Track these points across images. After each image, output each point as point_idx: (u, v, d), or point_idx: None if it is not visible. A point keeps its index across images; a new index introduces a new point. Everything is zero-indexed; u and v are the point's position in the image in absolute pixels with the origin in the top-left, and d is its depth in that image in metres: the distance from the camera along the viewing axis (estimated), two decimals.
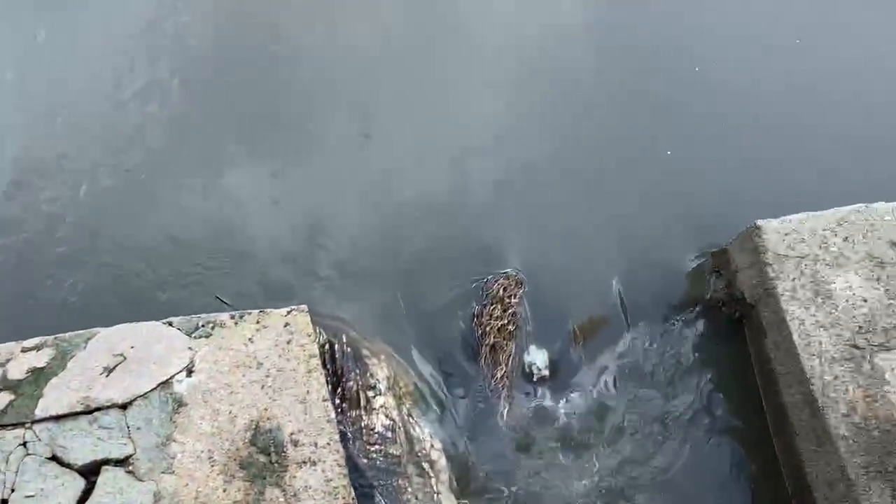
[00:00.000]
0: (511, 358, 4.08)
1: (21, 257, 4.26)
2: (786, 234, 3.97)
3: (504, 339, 4.10)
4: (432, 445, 3.90)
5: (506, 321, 4.12)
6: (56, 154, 4.49)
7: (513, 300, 4.17)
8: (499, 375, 4.05)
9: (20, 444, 3.47)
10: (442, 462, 3.84)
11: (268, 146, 4.60)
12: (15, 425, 3.49)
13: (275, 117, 4.73)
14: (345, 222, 4.42)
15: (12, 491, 3.42)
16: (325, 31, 4.96)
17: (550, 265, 4.31)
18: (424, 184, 4.53)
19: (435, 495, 3.76)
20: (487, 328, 4.12)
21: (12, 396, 3.48)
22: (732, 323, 4.17)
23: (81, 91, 4.67)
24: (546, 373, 4.10)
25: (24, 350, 3.53)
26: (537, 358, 4.14)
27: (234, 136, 4.61)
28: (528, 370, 4.11)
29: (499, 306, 4.17)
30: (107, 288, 4.22)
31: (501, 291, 4.20)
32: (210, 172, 4.51)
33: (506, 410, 4.01)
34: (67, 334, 3.56)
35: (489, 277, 4.31)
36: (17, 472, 3.43)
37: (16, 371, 3.50)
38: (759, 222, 4.01)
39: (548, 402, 4.04)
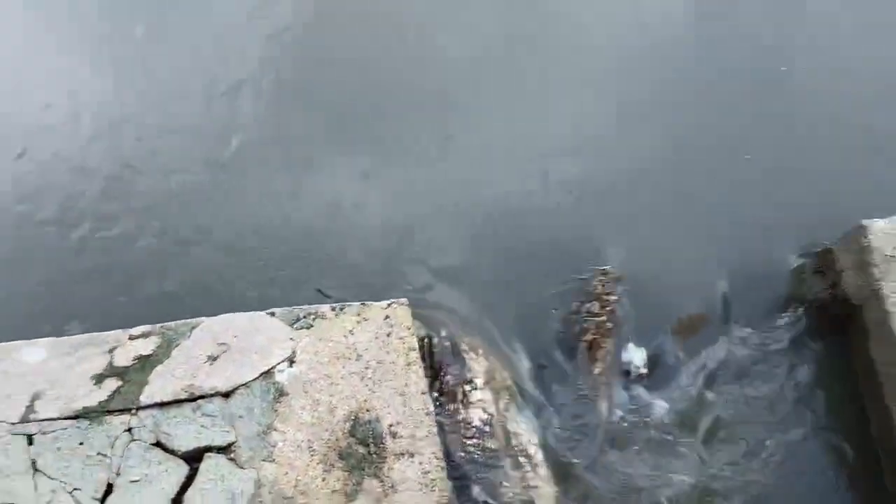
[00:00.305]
0: (609, 355, 4.05)
1: (121, 250, 4.33)
2: (892, 235, 3.87)
3: (602, 336, 4.08)
4: (529, 440, 3.88)
5: (604, 318, 4.09)
6: (149, 150, 4.57)
7: (611, 297, 4.14)
8: (596, 372, 4.02)
9: (126, 430, 3.54)
10: (539, 457, 3.83)
11: (357, 144, 4.65)
12: (121, 411, 3.56)
13: (364, 116, 4.75)
14: (438, 220, 4.43)
15: (118, 475, 3.49)
16: (415, 32, 4.98)
17: (650, 263, 4.27)
18: (517, 182, 4.54)
19: (532, 490, 3.74)
20: (585, 325, 4.10)
21: (119, 383, 3.55)
22: (836, 323, 4.07)
23: (175, 86, 4.76)
24: (644, 371, 4.06)
25: (131, 338, 3.60)
26: (635, 356, 4.09)
27: (325, 133, 4.66)
28: (625, 368, 4.07)
29: (597, 303, 4.14)
30: (201, 280, 4.30)
31: (600, 288, 4.17)
32: (301, 169, 4.56)
33: (603, 407, 3.97)
34: (173, 323, 3.62)
35: (587, 274, 4.27)
36: (122, 456, 3.50)
37: (123, 358, 3.57)
38: (865, 222, 3.94)
39: (645, 401, 3.99)
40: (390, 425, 3.64)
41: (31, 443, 3.51)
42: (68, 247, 4.34)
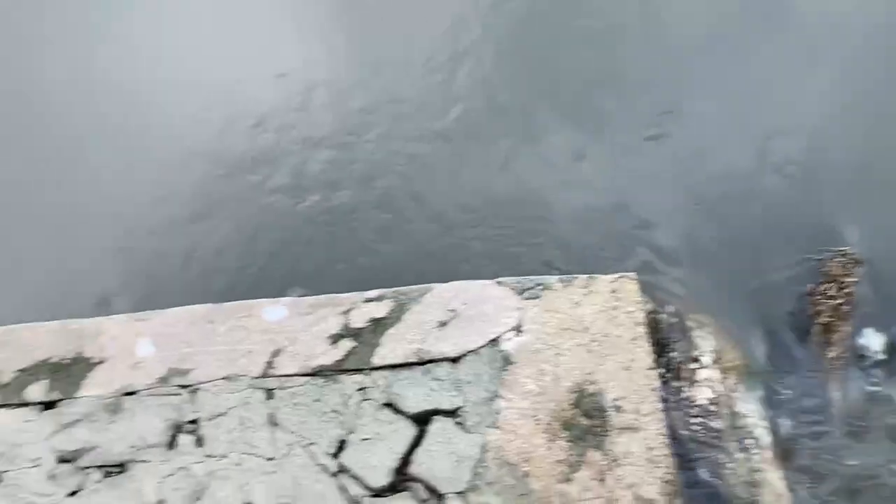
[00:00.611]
0: (844, 339, 3.91)
1: (342, 218, 4.45)
2: None
3: (838, 319, 3.94)
4: (757, 422, 3.80)
5: (841, 301, 3.96)
6: (372, 120, 4.67)
7: (849, 280, 3.99)
8: (830, 356, 3.89)
9: (358, 389, 3.65)
10: (766, 439, 3.75)
11: (575, 116, 4.63)
12: (355, 371, 3.68)
13: (583, 88, 4.71)
14: (659, 195, 4.36)
15: (350, 432, 3.60)
16: (638, 7, 4.88)
17: (892, 246, 4.07)
18: (740, 158, 4.43)
19: (757, 473, 3.67)
20: (820, 307, 3.97)
21: (354, 344, 3.66)
22: None
23: (398, 56, 4.83)
24: (883, 357, 3.90)
25: (366, 300, 3.69)
26: (873, 341, 3.95)
27: (542, 105, 4.65)
28: (862, 353, 3.92)
29: (834, 285, 4.00)
30: (418, 249, 4.37)
31: (838, 270, 4.03)
32: (519, 140, 4.59)
33: (837, 392, 3.85)
34: (405, 288, 3.71)
35: (824, 256, 4.12)
36: (355, 414, 3.60)
37: (358, 320, 3.68)
38: None
39: (883, 388, 3.84)
40: (615, 399, 3.63)
41: (270, 397, 3.67)
42: (295, 214, 4.49)
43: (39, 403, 3.62)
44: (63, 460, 3.60)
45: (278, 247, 4.43)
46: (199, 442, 3.64)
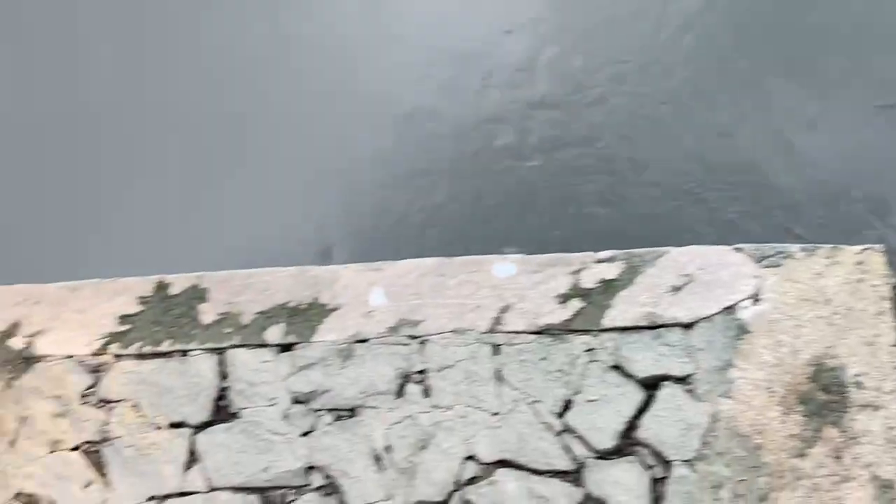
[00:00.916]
0: None
1: (560, 180, 4.41)
2: None
3: None
4: None
5: None
6: (594, 79, 4.59)
7: None
8: None
9: (586, 350, 3.62)
10: None
11: (806, 80, 4.42)
12: (582, 331, 3.66)
13: (814, 53, 4.50)
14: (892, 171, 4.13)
15: (576, 393, 3.57)
16: None
17: None
18: None
19: None
20: None
21: (582, 304, 3.63)
22: None
23: (624, 13, 4.72)
24: None
25: (597, 261, 3.65)
26: None
27: (771, 70, 4.46)
28: None
29: None
30: (639, 213, 4.28)
31: None
32: (746, 106, 4.42)
33: None
34: (639, 250, 3.66)
35: None
36: (581, 375, 3.58)
37: (588, 280, 3.64)
38: None
39: None
40: (855, 375, 3.50)
41: (497, 352, 3.68)
42: (514, 173, 4.49)
43: (277, 345, 3.74)
44: (297, 401, 3.72)
45: (495, 207, 4.44)
46: (426, 392, 3.70)
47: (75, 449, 3.80)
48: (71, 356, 3.82)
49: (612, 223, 4.40)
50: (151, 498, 3.78)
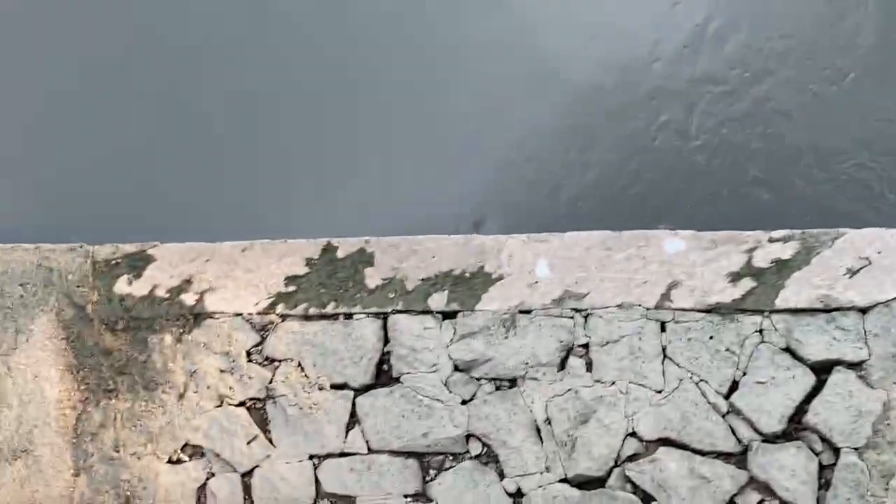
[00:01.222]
0: None
1: (726, 156, 4.33)
2: None
3: None
4: None
5: None
6: (758, 56, 4.47)
7: None
8: None
9: (756, 331, 3.57)
10: None
11: None
12: (753, 311, 3.60)
13: None
14: None
15: (744, 374, 3.52)
16: None
17: None
18: None
19: None
20: None
21: (754, 283, 3.57)
22: None
23: None
24: None
25: (770, 240, 3.59)
26: None
27: None
28: None
29: None
30: (806, 194, 4.18)
31: None
32: None
33: None
34: (815, 231, 3.60)
35: None
36: (750, 356, 3.53)
37: (761, 259, 3.58)
38: None
39: None
40: None
41: (663, 329, 3.64)
42: (675, 151, 4.43)
43: (440, 312, 3.76)
44: (458, 369, 3.74)
45: (651, 183, 4.38)
46: (589, 367, 3.69)
47: (241, 405, 3.87)
48: (239, 314, 3.89)
49: (772, 204, 4.31)
50: (312, 457, 3.84)
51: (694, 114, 4.43)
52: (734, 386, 3.66)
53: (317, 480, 3.83)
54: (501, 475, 3.72)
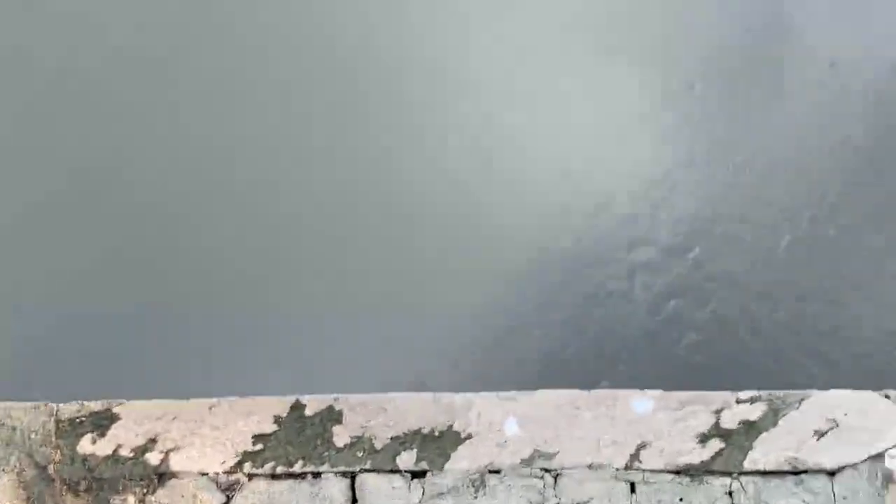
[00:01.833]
0: None
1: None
2: None
3: None
4: None
5: None
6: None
7: None
8: None
9: (726, 493, 3.58)
10: None
11: None
12: (722, 473, 3.61)
13: None
14: None
15: None
16: None
17: None
18: None
19: None
20: None
21: (722, 444, 3.60)
22: None
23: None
24: None
25: (738, 401, 3.65)
26: None
27: None
28: None
29: None
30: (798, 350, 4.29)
31: None
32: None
33: None
34: (781, 392, 3.67)
35: None
36: None
37: (729, 421, 3.62)
38: None
39: None
40: None
41: (633, 490, 3.65)
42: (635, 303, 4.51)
43: (409, 472, 3.76)
44: None
45: (607, 337, 4.45)
46: None
47: None
48: (205, 473, 3.86)
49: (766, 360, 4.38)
50: None
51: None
52: None
53: None
54: None
